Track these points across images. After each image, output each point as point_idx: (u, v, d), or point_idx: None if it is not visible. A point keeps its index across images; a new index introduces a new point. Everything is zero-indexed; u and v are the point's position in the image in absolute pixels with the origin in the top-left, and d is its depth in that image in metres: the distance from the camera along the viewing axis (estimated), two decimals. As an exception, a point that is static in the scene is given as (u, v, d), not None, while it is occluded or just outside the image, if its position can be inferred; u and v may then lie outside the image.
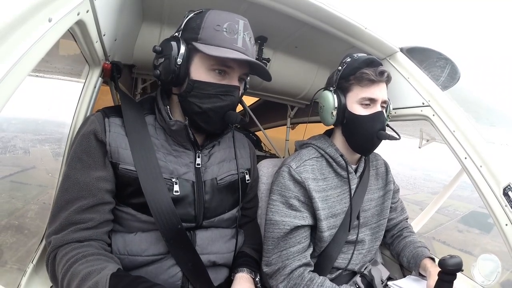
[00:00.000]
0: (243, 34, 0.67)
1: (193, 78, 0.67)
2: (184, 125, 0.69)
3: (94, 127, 0.65)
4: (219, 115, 0.69)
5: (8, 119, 0.66)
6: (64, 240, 0.60)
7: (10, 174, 0.72)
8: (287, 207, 0.83)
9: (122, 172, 0.65)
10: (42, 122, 0.82)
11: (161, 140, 0.71)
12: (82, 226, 0.61)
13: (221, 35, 0.65)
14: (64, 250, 0.59)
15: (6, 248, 0.63)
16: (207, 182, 0.74)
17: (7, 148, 0.67)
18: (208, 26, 0.65)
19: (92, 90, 0.79)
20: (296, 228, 0.82)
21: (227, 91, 0.68)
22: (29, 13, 0.40)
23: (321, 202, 0.82)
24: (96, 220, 0.62)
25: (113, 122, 0.68)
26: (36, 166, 0.74)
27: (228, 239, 0.77)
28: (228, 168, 0.79)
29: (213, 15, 0.67)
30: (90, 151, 0.64)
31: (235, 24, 0.66)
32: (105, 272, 0.55)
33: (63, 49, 0.74)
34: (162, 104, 0.72)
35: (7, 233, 0.65)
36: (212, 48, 0.64)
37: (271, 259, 0.83)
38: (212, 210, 0.74)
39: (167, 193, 0.67)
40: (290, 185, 0.84)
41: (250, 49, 0.69)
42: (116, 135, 0.66)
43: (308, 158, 0.88)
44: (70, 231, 0.61)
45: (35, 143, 0.77)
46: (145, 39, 1.11)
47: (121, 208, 0.67)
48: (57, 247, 0.60)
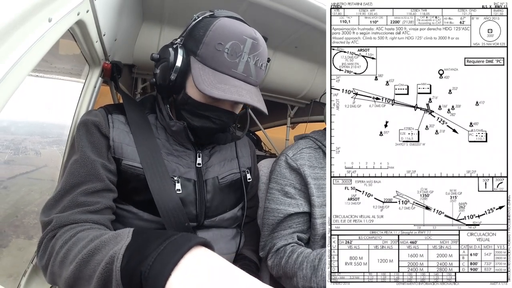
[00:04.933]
0: (248, 57, 0.61)
1: (188, 94, 0.65)
2: (183, 126, 0.68)
3: (98, 120, 0.65)
4: (208, 135, 0.69)
5: (16, 122, 0.68)
6: (69, 220, 0.54)
7: (26, 172, 0.76)
8: (282, 195, 0.84)
9: (125, 168, 0.65)
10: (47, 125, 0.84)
11: (162, 139, 0.71)
12: (89, 209, 0.57)
13: (221, 57, 0.59)
14: (66, 228, 0.53)
15: (31, 227, 0.72)
16: (208, 181, 0.74)
17: (19, 149, 0.71)
18: (209, 43, 0.60)
19: (92, 90, 0.79)
20: (289, 215, 0.82)
21: (219, 116, 0.66)
22: (29, 13, 0.40)
23: (316, 189, 0.82)
24: (103, 204, 0.59)
25: (116, 119, 0.67)
26: (47, 165, 0.78)
27: (229, 240, 0.77)
28: (229, 167, 0.79)
29: (220, 28, 0.60)
30: (95, 141, 0.64)
31: (240, 44, 0.60)
32: (126, 229, 0.46)
33: (63, 49, 0.75)
34: (163, 104, 0.71)
35: (30, 217, 0.73)
36: (207, 73, 0.60)
37: (265, 242, 0.85)
38: (213, 209, 0.74)
39: (175, 191, 0.66)
40: (286, 173, 0.85)
41: (253, 73, 0.63)
42: (120, 131, 0.66)
43: (305, 147, 0.89)
44: (76, 212, 0.56)
45: (44, 145, 0.80)
46: (145, 39, 1.12)
47: (122, 206, 0.66)
48: (59, 227, 0.53)
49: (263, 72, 0.67)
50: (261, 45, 0.63)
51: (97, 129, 0.64)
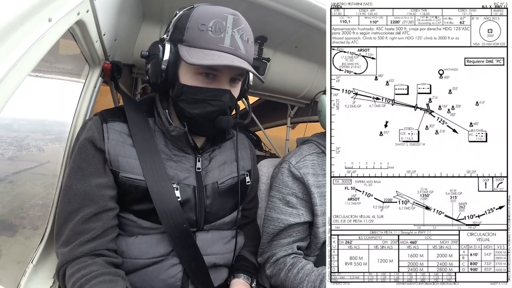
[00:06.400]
0: (232, 31, 0.62)
1: (182, 82, 0.65)
2: (184, 131, 0.67)
3: (91, 134, 0.64)
4: (209, 121, 0.66)
5: (18, 120, 0.68)
6: (71, 256, 0.60)
7: (30, 167, 0.78)
8: (283, 204, 0.83)
9: (122, 180, 0.65)
10: (49, 123, 0.85)
11: (161, 144, 0.70)
12: (87, 238, 0.61)
13: (205, 35, 0.61)
14: (71, 269, 0.59)
15: (36, 218, 0.77)
16: (208, 187, 0.73)
17: (22, 146, 0.72)
18: (192, 26, 0.62)
19: (92, 90, 0.79)
20: (290, 225, 0.82)
21: (215, 96, 0.64)
22: (29, 13, 0.40)
23: (319, 198, 0.82)
24: (100, 228, 0.62)
25: (111, 128, 0.66)
26: (50, 161, 0.80)
27: (228, 240, 0.77)
28: (229, 171, 0.79)
29: (200, 12, 0.62)
30: (89, 159, 0.64)
31: (222, 21, 0.61)
32: None
33: (63, 49, 0.75)
34: (161, 108, 0.70)
35: (35, 209, 0.77)
36: (195, 51, 0.61)
37: (264, 249, 0.85)
38: (213, 214, 0.73)
39: (175, 197, 0.67)
40: (288, 182, 0.84)
41: (241, 46, 0.63)
42: (115, 142, 0.65)
43: (309, 153, 0.88)
44: (75, 245, 0.60)
45: (47, 142, 0.81)
46: (145, 39, 1.11)
47: (123, 215, 0.67)
48: (65, 263, 0.61)
49: (251, 47, 0.66)
50: (242, 21, 0.64)
51: (91, 145, 0.64)
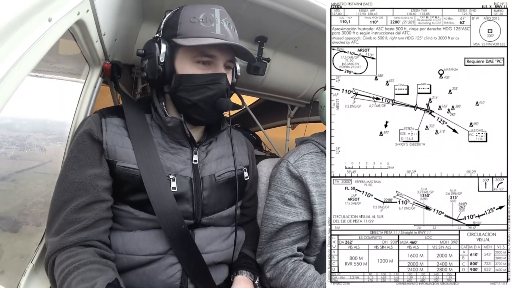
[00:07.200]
0: (221, 21, 0.68)
1: (179, 73, 0.68)
2: (179, 121, 0.69)
3: (89, 127, 0.66)
4: (210, 105, 0.70)
5: (19, 120, 0.70)
6: (60, 244, 0.60)
7: (33, 166, 0.79)
8: (282, 203, 0.83)
9: (119, 170, 0.65)
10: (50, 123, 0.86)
11: (157, 138, 0.72)
12: (78, 227, 0.61)
13: (198, 26, 0.67)
14: (60, 258, 0.60)
15: (38, 215, 0.79)
16: (205, 179, 0.74)
17: (24, 145, 0.73)
18: (184, 21, 0.68)
19: (92, 90, 0.79)
20: (288, 224, 0.82)
21: (214, 80, 0.69)
22: (29, 13, 0.40)
23: (318, 196, 0.82)
24: (91, 218, 0.62)
25: (109, 122, 0.68)
26: (52, 160, 0.81)
27: (227, 237, 0.77)
28: (226, 164, 0.79)
29: (188, 9, 0.69)
30: (86, 150, 0.65)
31: (210, 13, 0.68)
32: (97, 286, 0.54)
33: (63, 49, 0.75)
34: (158, 102, 0.72)
35: (38, 207, 0.81)
36: (191, 40, 0.66)
37: (262, 249, 0.84)
38: (210, 207, 0.74)
39: (170, 192, 0.67)
40: (287, 181, 0.84)
41: (230, 34, 0.69)
42: (113, 133, 0.67)
43: (307, 153, 0.88)
44: (66, 234, 0.61)
45: (48, 142, 0.82)
46: (145, 39, 1.10)
47: (119, 207, 0.67)
48: (54, 252, 0.61)
49: (237, 36, 0.74)
50: (226, 13, 0.71)
51: (89, 137, 0.65)
